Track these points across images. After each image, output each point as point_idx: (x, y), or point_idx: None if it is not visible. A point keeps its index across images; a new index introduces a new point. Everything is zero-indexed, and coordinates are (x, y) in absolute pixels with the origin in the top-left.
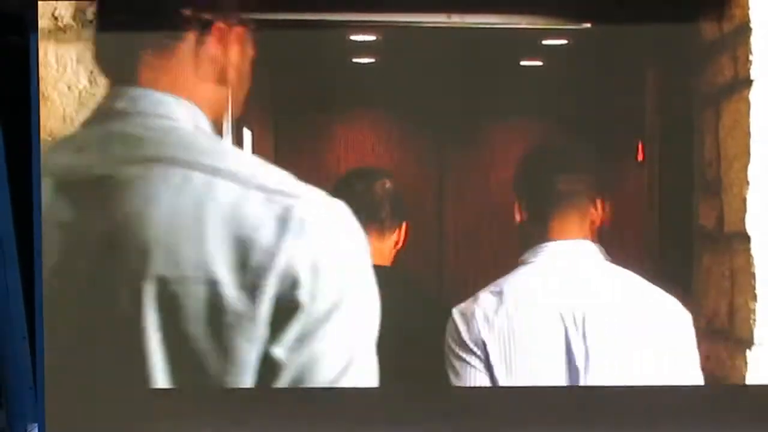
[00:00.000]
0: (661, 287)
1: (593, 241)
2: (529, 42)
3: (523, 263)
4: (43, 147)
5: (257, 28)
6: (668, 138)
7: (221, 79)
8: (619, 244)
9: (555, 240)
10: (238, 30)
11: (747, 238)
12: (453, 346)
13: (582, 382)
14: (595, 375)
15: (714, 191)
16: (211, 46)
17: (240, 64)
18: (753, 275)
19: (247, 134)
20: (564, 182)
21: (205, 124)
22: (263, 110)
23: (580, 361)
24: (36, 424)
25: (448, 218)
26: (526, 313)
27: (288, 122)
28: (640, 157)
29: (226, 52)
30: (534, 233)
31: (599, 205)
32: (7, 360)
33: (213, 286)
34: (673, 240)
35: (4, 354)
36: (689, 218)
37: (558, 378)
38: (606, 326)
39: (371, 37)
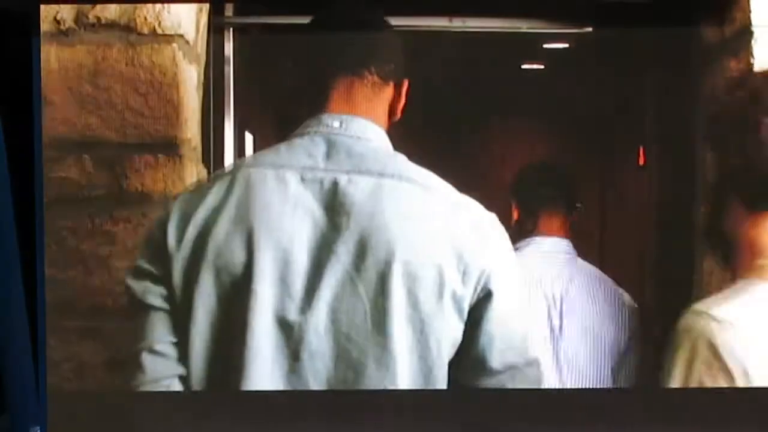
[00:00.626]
0: (662, 290)
1: (570, 239)
2: (530, 45)
3: (517, 250)
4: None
5: (261, 30)
6: (669, 141)
7: (393, 114)
8: (621, 247)
9: (541, 235)
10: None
11: None
12: None
13: (559, 345)
14: (568, 341)
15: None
16: (397, 88)
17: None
18: None
19: (248, 138)
20: (548, 190)
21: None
22: (266, 113)
23: (556, 331)
24: (38, 427)
25: None
26: None
27: (290, 124)
28: (641, 161)
29: (404, 93)
30: (525, 229)
31: (576, 212)
32: (9, 362)
33: (440, 269)
34: (674, 243)
35: (6, 356)
36: (691, 221)
37: (541, 342)
38: (576, 305)
39: None
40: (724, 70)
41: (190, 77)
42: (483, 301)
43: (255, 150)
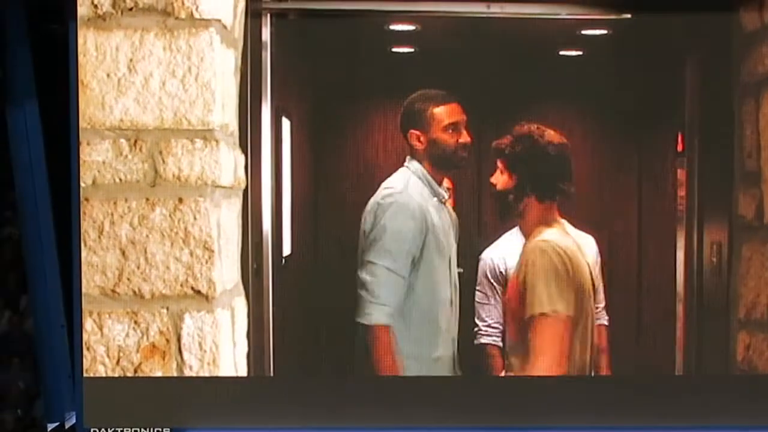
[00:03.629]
0: (700, 277)
1: None
2: (568, 32)
3: None
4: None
5: (298, 16)
6: (708, 128)
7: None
8: (659, 234)
9: None
10: None
11: None
12: None
13: None
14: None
15: (754, 181)
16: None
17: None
18: None
19: (285, 123)
20: None
21: None
22: (302, 98)
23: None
24: (74, 412)
25: (485, 202)
26: None
27: (327, 110)
28: (680, 148)
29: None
30: None
31: None
32: (45, 349)
33: None
34: (712, 230)
35: (42, 343)
36: (729, 208)
37: None
38: None
39: (410, 27)
40: (762, 56)
41: (228, 62)
42: None
43: (292, 135)
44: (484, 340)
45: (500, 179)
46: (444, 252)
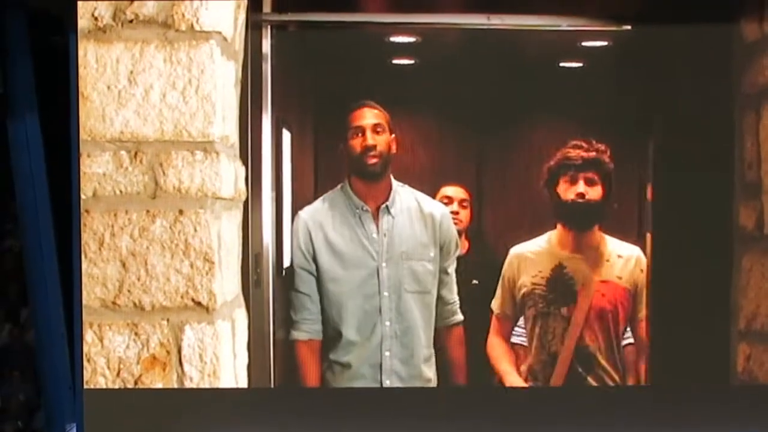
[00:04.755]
0: (701, 288)
1: None
2: (568, 43)
3: None
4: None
5: (298, 28)
6: (709, 139)
7: None
8: (659, 244)
9: None
10: None
11: None
12: None
13: None
14: None
15: (754, 192)
16: None
17: None
18: None
19: (286, 135)
20: None
21: None
22: (303, 110)
23: None
24: (74, 424)
25: (486, 211)
26: None
27: (327, 121)
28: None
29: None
30: None
31: None
32: (45, 360)
33: None
34: (712, 241)
35: (43, 355)
36: (729, 219)
37: None
38: None
39: (410, 39)
40: (763, 67)
41: (228, 74)
42: None
43: (292, 147)
44: None
45: (589, 190)
46: (358, 263)
